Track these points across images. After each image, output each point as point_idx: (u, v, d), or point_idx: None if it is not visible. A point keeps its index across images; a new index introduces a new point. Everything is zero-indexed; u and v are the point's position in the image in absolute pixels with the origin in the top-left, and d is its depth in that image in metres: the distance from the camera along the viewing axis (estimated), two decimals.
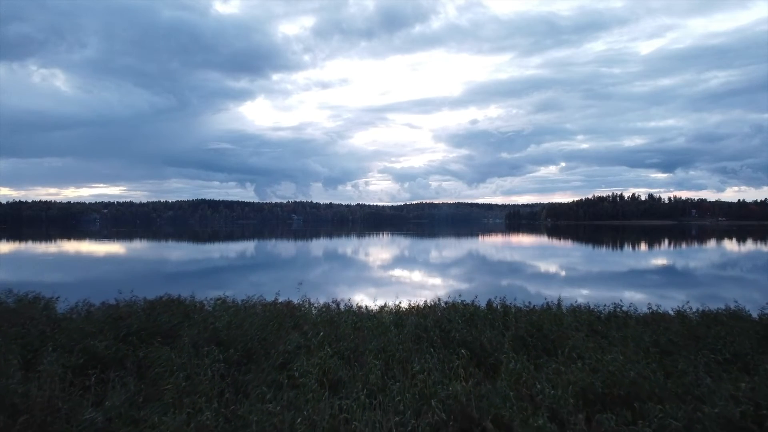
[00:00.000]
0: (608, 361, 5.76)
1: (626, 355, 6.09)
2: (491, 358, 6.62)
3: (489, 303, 9.51)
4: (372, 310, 9.58)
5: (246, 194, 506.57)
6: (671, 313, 9.24)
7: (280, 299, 10.49)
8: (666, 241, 63.97)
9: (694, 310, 9.23)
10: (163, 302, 10.09)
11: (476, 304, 9.45)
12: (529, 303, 9.67)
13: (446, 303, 9.55)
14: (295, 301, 10.20)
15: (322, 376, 5.78)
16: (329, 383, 5.60)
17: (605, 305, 9.58)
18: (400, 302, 10.07)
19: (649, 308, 9.41)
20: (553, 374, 5.67)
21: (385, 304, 9.87)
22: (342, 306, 9.94)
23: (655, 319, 8.56)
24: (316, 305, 10.05)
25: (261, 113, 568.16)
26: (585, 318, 8.33)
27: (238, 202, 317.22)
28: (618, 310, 9.21)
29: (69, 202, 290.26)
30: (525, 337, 7.28)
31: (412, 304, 9.82)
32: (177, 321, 8.38)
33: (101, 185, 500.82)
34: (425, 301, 10.15)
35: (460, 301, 9.59)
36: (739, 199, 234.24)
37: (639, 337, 7.07)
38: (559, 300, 9.75)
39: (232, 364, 6.80)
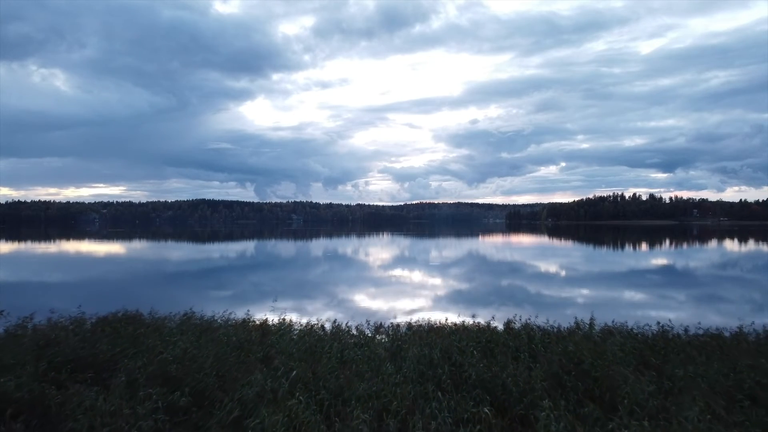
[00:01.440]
0: (685, 421, 4.11)
1: (708, 410, 4.41)
2: (519, 406, 4.97)
3: (508, 325, 7.77)
4: (364, 333, 7.89)
5: (246, 194, 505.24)
6: (727, 333, 7.60)
7: (258, 315, 8.88)
8: (673, 242, 62.18)
9: (756, 329, 7.56)
10: (115, 320, 8.46)
11: (492, 326, 7.76)
12: (556, 324, 7.97)
13: (455, 324, 7.85)
14: (273, 320, 8.54)
15: None
16: None
17: (647, 325, 7.92)
18: (398, 323, 8.34)
19: (699, 328, 7.76)
20: None
21: (381, 325, 8.14)
22: (328, 326, 8.26)
23: (718, 344, 6.86)
24: (297, 326, 8.38)
25: (261, 113, 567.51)
26: (629, 345, 6.64)
27: (237, 202, 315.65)
28: (667, 331, 7.52)
29: (68, 202, 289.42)
30: (560, 374, 5.61)
31: (413, 324, 8.09)
32: (120, 348, 6.73)
33: (101, 185, 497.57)
34: (428, 321, 8.42)
35: (472, 322, 7.90)
36: (740, 199, 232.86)
37: (713, 377, 5.40)
38: (592, 320, 8.04)
39: (177, 412, 5.16)
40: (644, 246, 54.19)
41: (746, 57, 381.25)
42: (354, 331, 7.96)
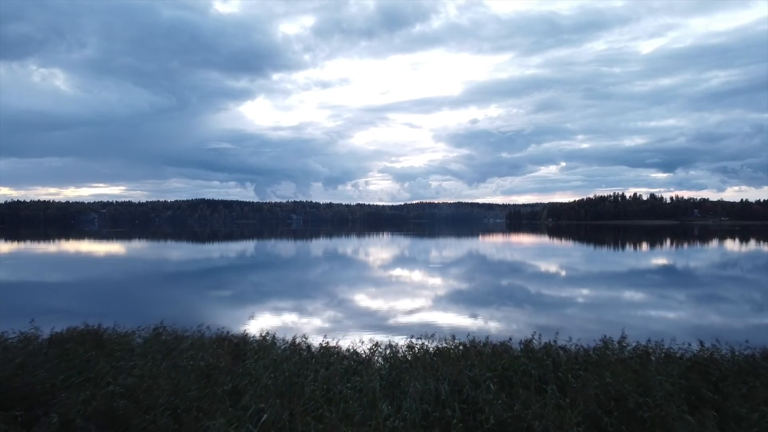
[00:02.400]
0: None
1: None
2: None
3: (527, 345, 6.59)
4: (357, 354, 6.73)
5: (246, 194, 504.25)
6: None
7: (240, 327, 7.77)
8: (678, 243, 61.00)
9: None
10: (71, 337, 7.34)
11: (506, 344, 6.61)
12: (580, 342, 6.82)
13: (464, 346, 6.69)
14: (254, 336, 7.43)
15: None
16: None
17: (686, 344, 6.81)
18: (397, 343, 7.16)
19: (748, 347, 6.62)
20: None
21: (377, 345, 6.97)
22: (317, 345, 7.12)
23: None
24: (280, 342, 7.25)
25: (261, 113, 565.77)
26: (674, 371, 5.51)
27: (237, 202, 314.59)
28: (713, 351, 6.38)
29: (68, 202, 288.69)
30: (599, 414, 4.50)
31: (415, 345, 6.92)
32: (64, 376, 5.61)
33: (101, 185, 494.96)
34: (432, 339, 7.23)
35: (484, 342, 6.73)
36: (741, 199, 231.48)
37: None
38: (623, 339, 6.87)
39: None
40: (649, 246, 53.02)
41: (746, 57, 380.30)
42: (345, 351, 6.82)
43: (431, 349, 6.70)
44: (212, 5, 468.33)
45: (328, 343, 7.11)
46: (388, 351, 6.64)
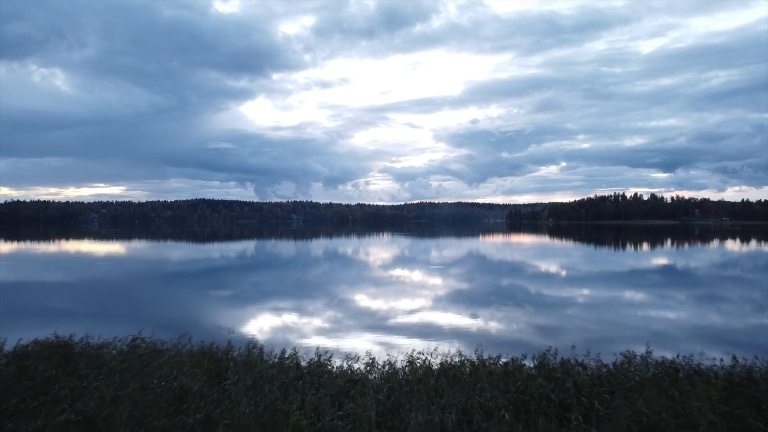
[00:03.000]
0: None
1: None
2: None
3: (542, 362, 5.89)
4: (352, 371, 6.02)
5: (246, 194, 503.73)
6: None
7: (223, 337, 7.08)
8: (682, 243, 60.28)
9: None
10: (37, 351, 6.65)
11: (518, 361, 5.92)
12: (600, 359, 6.11)
13: (473, 364, 5.98)
14: (239, 349, 6.74)
15: None
16: None
17: (718, 359, 6.13)
18: (397, 360, 6.44)
19: None
20: None
21: (373, 361, 6.25)
22: (307, 361, 6.42)
23: None
24: (268, 356, 6.56)
25: (261, 113, 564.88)
26: (710, 393, 4.81)
27: (237, 202, 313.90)
28: (752, 369, 5.68)
29: (67, 202, 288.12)
30: None
31: (416, 360, 6.23)
32: (16, 400, 4.91)
33: (101, 185, 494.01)
34: (437, 355, 6.52)
35: (495, 359, 6.03)
36: (742, 199, 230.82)
37: None
38: (648, 354, 6.18)
39: None
40: (651, 247, 52.30)
41: (747, 57, 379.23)
42: (336, 368, 6.09)
43: (435, 365, 6.01)
44: (212, 5, 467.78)
45: (320, 357, 6.41)
46: (386, 368, 5.94)
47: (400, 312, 15.01)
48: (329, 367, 6.07)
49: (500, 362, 5.94)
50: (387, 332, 12.51)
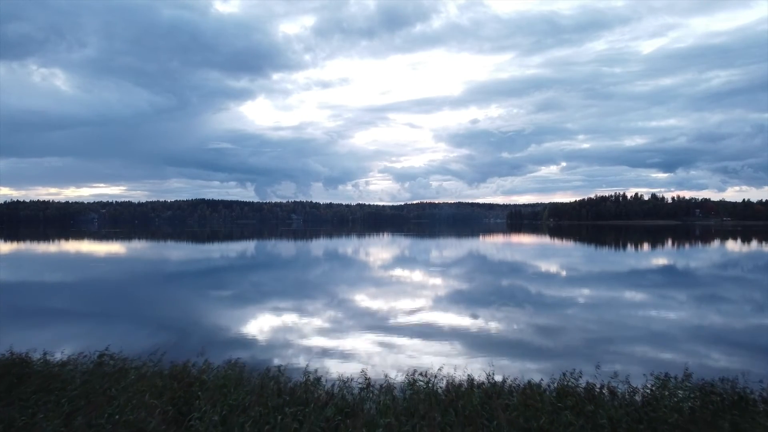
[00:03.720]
0: None
1: None
2: None
3: (564, 388, 5.09)
4: (345, 398, 5.21)
5: (246, 194, 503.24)
6: None
7: (199, 356, 6.27)
8: (685, 243, 59.46)
9: None
10: None
11: (538, 389, 5.09)
12: (628, 380, 5.33)
13: (482, 385, 5.19)
14: (215, 370, 5.94)
15: None
16: None
17: (758, 381, 5.36)
18: (395, 379, 5.62)
19: None
20: None
21: (368, 385, 5.45)
22: (293, 382, 5.61)
23: None
24: (250, 375, 5.77)
25: (261, 113, 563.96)
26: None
27: (237, 202, 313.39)
28: None
29: (67, 202, 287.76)
30: None
31: (418, 381, 5.44)
32: None
33: (101, 185, 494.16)
34: (442, 377, 5.71)
35: (510, 385, 5.23)
36: (743, 199, 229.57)
37: None
38: (687, 375, 5.39)
39: None
40: (653, 247, 51.49)
41: (747, 57, 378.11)
42: (326, 393, 5.27)
43: (440, 391, 5.20)
44: (212, 5, 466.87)
45: (308, 378, 5.62)
46: (383, 397, 5.11)
47: (400, 312, 14.86)
48: (318, 393, 5.26)
49: (516, 386, 5.14)
50: (387, 333, 12.20)
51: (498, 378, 5.47)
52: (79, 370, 6.02)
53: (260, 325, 13.38)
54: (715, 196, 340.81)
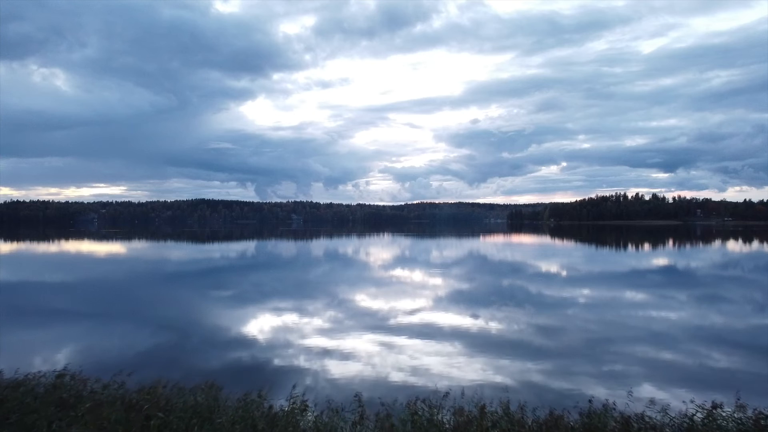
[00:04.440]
0: None
1: None
2: None
3: (590, 419, 4.30)
4: (342, 417, 4.43)
5: (246, 194, 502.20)
6: None
7: (173, 375, 5.53)
8: (688, 243, 58.72)
9: None
10: None
11: (562, 419, 4.36)
12: (665, 412, 4.55)
13: (493, 415, 4.42)
14: (188, 395, 5.16)
15: None
16: None
17: None
18: (394, 402, 4.84)
19: None
20: None
21: (362, 417, 4.69)
22: (277, 406, 4.84)
23: None
24: (224, 400, 5.00)
25: (261, 113, 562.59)
26: None
27: (237, 202, 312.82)
28: None
29: (67, 202, 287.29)
30: None
31: (419, 410, 4.67)
32: None
33: (102, 185, 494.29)
34: (444, 404, 4.92)
35: (531, 419, 4.46)
36: (745, 199, 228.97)
37: None
38: (740, 407, 4.58)
39: None
40: (657, 247, 50.75)
41: (748, 57, 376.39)
42: (311, 425, 4.47)
43: (446, 420, 4.44)
44: (213, 5, 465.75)
45: (293, 405, 4.86)
46: (383, 419, 4.34)
47: (400, 312, 14.71)
48: (303, 424, 4.49)
49: (536, 418, 4.37)
50: (387, 333, 11.92)
51: (513, 407, 4.69)
52: (32, 394, 5.26)
53: (259, 325, 13.16)
54: (715, 196, 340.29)
